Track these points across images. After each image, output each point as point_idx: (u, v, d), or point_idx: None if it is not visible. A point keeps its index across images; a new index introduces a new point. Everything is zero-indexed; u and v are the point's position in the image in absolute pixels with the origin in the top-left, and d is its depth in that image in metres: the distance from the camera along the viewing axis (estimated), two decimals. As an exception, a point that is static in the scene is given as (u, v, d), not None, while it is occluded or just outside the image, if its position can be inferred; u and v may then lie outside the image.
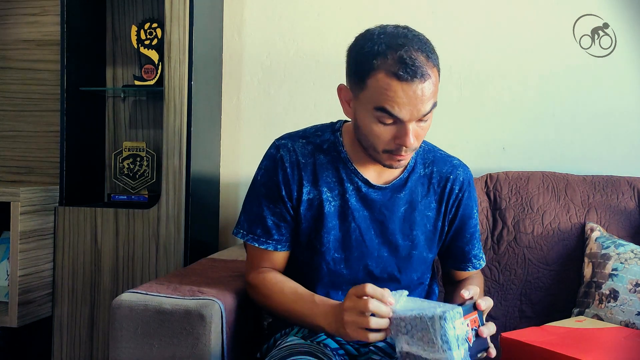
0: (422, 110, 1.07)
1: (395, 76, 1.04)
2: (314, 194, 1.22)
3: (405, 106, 1.06)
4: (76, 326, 1.97)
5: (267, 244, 1.24)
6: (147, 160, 2.14)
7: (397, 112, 1.06)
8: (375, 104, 1.08)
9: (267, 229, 1.24)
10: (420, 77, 1.05)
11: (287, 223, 1.24)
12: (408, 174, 1.25)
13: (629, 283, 1.46)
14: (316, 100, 2.11)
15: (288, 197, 1.22)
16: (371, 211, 1.22)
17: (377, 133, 1.10)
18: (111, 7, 2.20)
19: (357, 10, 2.07)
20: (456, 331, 0.92)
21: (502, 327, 1.63)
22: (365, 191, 1.22)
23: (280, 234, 1.24)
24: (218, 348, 1.22)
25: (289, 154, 1.23)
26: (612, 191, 1.71)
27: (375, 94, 1.07)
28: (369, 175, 1.23)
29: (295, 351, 1.08)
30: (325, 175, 1.22)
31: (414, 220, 1.24)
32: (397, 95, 1.05)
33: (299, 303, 1.17)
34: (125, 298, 1.25)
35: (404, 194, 1.23)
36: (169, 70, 1.90)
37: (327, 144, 1.24)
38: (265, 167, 1.25)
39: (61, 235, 1.98)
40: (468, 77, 2.03)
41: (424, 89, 1.06)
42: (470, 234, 1.31)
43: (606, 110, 1.96)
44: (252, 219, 1.25)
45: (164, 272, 1.91)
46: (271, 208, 1.23)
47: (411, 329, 0.96)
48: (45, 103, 2.23)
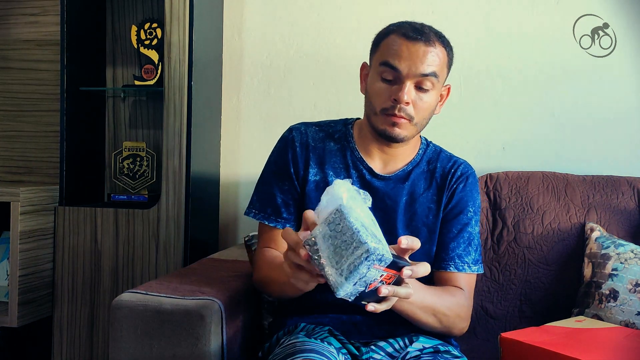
0: (420, 69, 1.16)
1: (404, 35, 1.18)
2: (321, 176, 1.27)
3: (405, 60, 1.16)
4: (76, 326, 1.97)
5: (276, 222, 1.27)
6: (147, 160, 2.14)
7: (397, 64, 1.16)
8: (381, 60, 1.19)
9: (276, 207, 1.27)
10: (425, 40, 1.17)
11: (295, 202, 1.28)
12: (412, 167, 1.29)
13: (629, 283, 1.46)
14: (316, 100, 2.11)
15: (296, 175, 1.28)
16: (374, 199, 1.23)
17: (378, 89, 1.19)
18: (111, 7, 2.20)
19: (357, 10, 2.07)
20: (367, 272, 0.85)
21: (502, 327, 1.63)
22: (369, 179, 1.27)
23: (289, 213, 1.27)
24: (218, 348, 1.22)
25: (300, 135, 1.30)
26: (612, 191, 1.71)
27: (384, 51, 1.20)
28: (375, 165, 1.28)
29: (300, 349, 1.08)
30: (333, 161, 1.28)
31: (414, 211, 1.26)
32: (401, 49, 1.17)
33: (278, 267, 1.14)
34: (125, 298, 1.25)
35: (406, 185, 1.27)
36: (169, 70, 1.90)
37: (338, 134, 1.32)
38: (277, 148, 1.32)
39: (61, 235, 1.98)
40: (468, 77, 2.03)
41: (427, 52, 1.16)
42: (459, 231, 1.27)
43: (606, 110, 1.96)
44: (263, 197, 1.30)
45: (164, 272, 1.91)
46: (280, 186, 1.28)
47: (339, 231, 0.86)
48: (45, 103, 2.23)
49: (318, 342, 1.14)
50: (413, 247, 0.95)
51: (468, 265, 1.27)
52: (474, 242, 1.29)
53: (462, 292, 1.25)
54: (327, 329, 1.21)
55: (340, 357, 1.12)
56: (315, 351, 1.07)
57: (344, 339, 1.20)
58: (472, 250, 1.28)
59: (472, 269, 1.27)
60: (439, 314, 1.18)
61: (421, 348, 1.19)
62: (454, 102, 2.04)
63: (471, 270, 1.27)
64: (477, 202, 1.32)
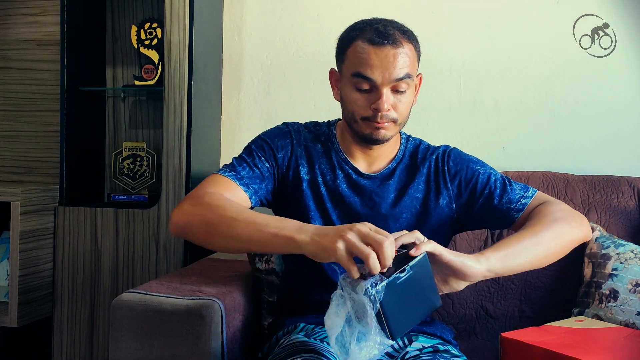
0: (393, 74, 1.15)
1: (369, 41, 1.15)
2: (311, 175, 1.27)
3: (377, 68, 1.14)
4: (76, 326, 1.97)
5: (246, 187, 1.18)
6: (147, 160, 2.14)
7: (370, 74, 1.15)
8: (353, 71, 1.17)
9: (253, 174, 1.21)
10: (392, 42, 1.15)
11: (269, 184, 1.24)
12: (396, 164, 1.30)
13: (629, 283, 1.46)
14: (316, 100, 2.11)
15: (282, 163, 1.26)
16: (362, 197, 1.27)
17: (355, 99, 1.18)
18: (111, 7, 2.20)
19: (357, 10, 2.06)
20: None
21: (502, 327, 1.63)
22: (355, 178, 1.27)
23: (260, 187, 1.21)
24: (218, 348, 1.22)
25: (295, 133, 1.31)
26: (612, 191, 1.71)
27: (353, 60, 1.18)
28: (359, 164, 1.29)
29: (300, 349, 1.08)
30: (320, 162, 1.29)
31: (403, 205, 1.26)
32: (370, 58, 1.15)
33: (264, 215, 1.04)
34: (125, 298, 1.25)
35: (392, 181, 1.28)
36: (169, 70, 1.90)
37: (324, 136, 1.32)
38: (270, 131, 1.31)
39: (61, 235, 1.98)
40: (468, 77, 2.03)
41: (396, 55, 1.15)
42: (489, 188, 1.25)
43: (606, 110, 1.96)
44: (240, 163, 1.23)
45: (164, 272, 1.91)
46: (263, 161, 1.24)
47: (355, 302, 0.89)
48: (45, 103, 2.23)
49: (317, 342, 1.14)
50: (418, 238, 0.98)
51: (524, 197, 1.24)
52: (507, 180, 1.27)
53: (544, 204, 1.22)
54: (326, 329, 1.21)
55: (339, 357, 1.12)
56: (315, 351, 1.07)
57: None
58: (513, 186, 1.26)
59: (529, 196, 1.25)
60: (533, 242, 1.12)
61: (420, 347, 1.19)
62: (454, 102, 2.04)
63: (529, 198, 1.24)
64: (474, 158, 1.32)
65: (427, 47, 2.01)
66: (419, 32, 1.24)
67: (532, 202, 1.24)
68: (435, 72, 2.03)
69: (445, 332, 1.29)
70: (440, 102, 2.04)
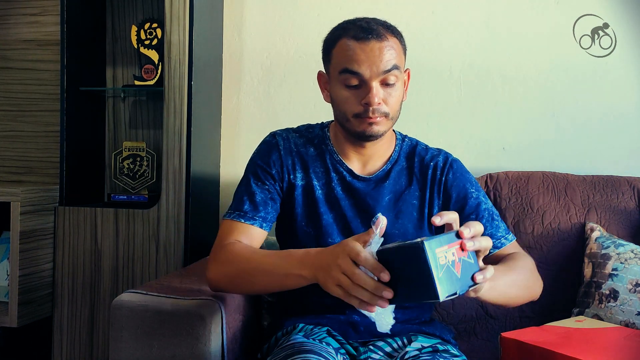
0: (381, 67, 1.15)
1: (354, 38, 1.17)
2: (306, 180, 1.28)
3: (364, 62, 1.15)
4: (76, 326, 1.97)
5: (253, 220, 1.23)
6: (147, 160, 2.14)
7: (357, 68, 1.15)
8: (340, 68, 1.18)
9: (255, 205, 1.24)
10: (377, 37, 1.16)
11: (275, 202, 1.27)
12: (391, 165, 1.30)
13: (629, 283, 1.46)
14: (316, 100, 2.11)
15: (279, 177, 1.28)
16: (356, 200, 1.27)
17: (345, 97, 1.19)
18: (111, 7, 2.20)
19: (357, 10, 2.06)
20: (438, 260, 0.83)
21: (502, 327, 1.63)
22: (349, 180, 1.28)
23: (266, 212, 1.25)
24: (218, 348, 1.22)
25: (284, 141, 1.31)
26: (612, 191, 1.71)
27: (339, 59, 1.19)
28: (353, 165, 1.29)
29: (299, 350, 1.08)
30: (314, 166, 1.29)
31: (399, 209, 1.26)
32: (356, 53, 1.16)
33: (272, 256, 1.11)
34: (125, 298, 1.25)
35: (387, 184, 1.28)
36: (169, 70, 1.90)
37: (317, 139, 1.32)
38: (259, 150, 1.33)
39: (61, 235, 1.98)
40: (468, 77, 2.03)
41: (382, 48, 1.15)
42: (476, 215, 1.27)
43: (606, 110, 1.96)
44: (241, 198, 1.26)
45: (164, 272, 1.91)
46: (260, 185, 1.26)
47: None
48: (45, 103, 2.23)
49: (316, 342, 1.14)
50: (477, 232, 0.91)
51: (504, 238, 1.28)
52: (495, 215, 1.30)
53: (517, 254, 1.25)
54: (325, 329, 1.21)
55: (338, 358, 1.12)
56: (314, 352, 1.07)
57: (342, 339, 1.20)
58: (498, 222, 1.29)
59: (509, 239, 1.29)
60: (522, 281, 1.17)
61: (420, 347, 1.19)
62: (454, 102, 2.04)
63: (509, 241, 1.28)
64: (472, 179, 1.33)
65: (427, 47, 2.04)
66: (419, 32, 1.25)
67: (509, 245, 1.28)
68: (436, 72, 2.03)
69: (444, 332, 1.29)
70: (440, 102, 2.04)
